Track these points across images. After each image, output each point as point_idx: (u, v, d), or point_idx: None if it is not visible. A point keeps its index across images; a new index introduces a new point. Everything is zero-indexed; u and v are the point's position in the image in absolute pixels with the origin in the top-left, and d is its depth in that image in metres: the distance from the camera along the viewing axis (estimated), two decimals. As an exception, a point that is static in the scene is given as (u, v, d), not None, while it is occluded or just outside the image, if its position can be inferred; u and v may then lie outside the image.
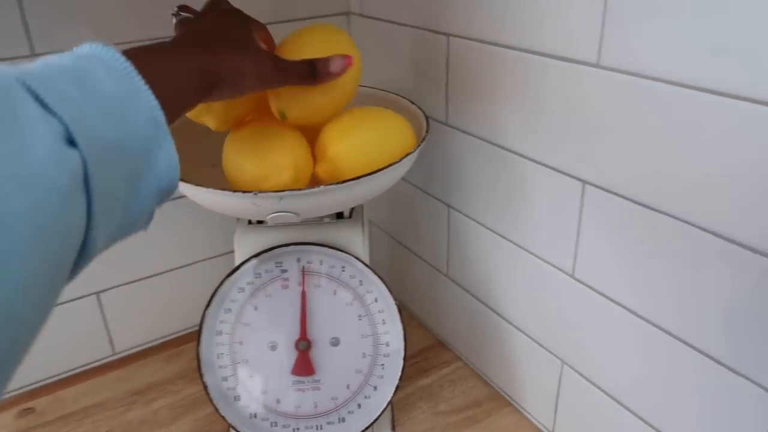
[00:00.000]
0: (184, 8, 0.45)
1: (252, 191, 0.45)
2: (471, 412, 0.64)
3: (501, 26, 0.52)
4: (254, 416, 0.57)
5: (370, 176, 0.47)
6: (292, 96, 0.48)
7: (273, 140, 0.49)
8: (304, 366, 0.57)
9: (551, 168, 0.52)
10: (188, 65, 0.34)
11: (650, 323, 0.47)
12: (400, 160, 0.49)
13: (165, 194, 0.29)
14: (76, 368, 0.71)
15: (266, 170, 0.48)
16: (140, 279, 0.72)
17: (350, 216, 0.59)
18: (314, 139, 0.52)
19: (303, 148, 0.51)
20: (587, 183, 0.49)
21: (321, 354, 0.57)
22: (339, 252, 0.56)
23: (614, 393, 0.52)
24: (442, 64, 0.61)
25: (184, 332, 0.76)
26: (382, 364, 0.57)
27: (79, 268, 0.26)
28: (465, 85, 0.59)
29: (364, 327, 0.57)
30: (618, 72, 0.43)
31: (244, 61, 0.39)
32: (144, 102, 0.27)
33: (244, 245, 0.57)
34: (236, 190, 0.46)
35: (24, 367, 0.62)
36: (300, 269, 0.56)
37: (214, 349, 0.57)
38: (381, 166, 0.48)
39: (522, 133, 0.54)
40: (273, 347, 0.57)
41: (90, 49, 0.28)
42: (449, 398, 0.66)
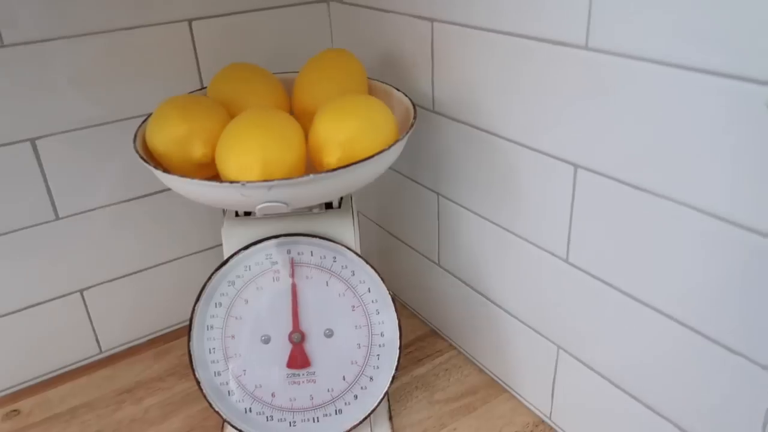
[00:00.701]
0: None
1: (240, 182, 0.44)
2: (467, 400, 0.63)
3: (485, 10, 0.51)
4: (249, 411, 0.56)
5: (361, 164, 0.46)
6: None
7: (257, 132, 0.48)
8: (299, 358, 0.56)
9: (542, 152, 0.51)
10: None
11: (645, 305, 0.46)
12: (390, 147, 0.48)
13: None
14: (63, 368, 0.70)
15: (242, 163, 0.47)
16: (125, 275, 0.70)
17: (339, 206, 0.58)
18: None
19: (282, 140, 0.49)
20: (579, 166, 0.48)
21: (315, 346, 0.56)
22: (329, 242, 0.55)
23: (611, 376, 0.52)
24: (427, 51, 0.60)
25: (172, 328, 0.75)
26: (378, 355, 0.56)
27: None
28: (451, 72, 0.58)
29: (358, 317, 0.56)
30: (606, 53, 0.43)
31: None
32: None
33: (233, 238, 0.56)
34: (224, 181, 0.45)
35: (8, 368, 0.61)
36: (290, 261, 0.55)
37: (206, 344, 0.56)
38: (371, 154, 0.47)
39: (510, 118, 0.53)
40: (266, 340, 0.56)
41: None
42: (445, 387, 0.65)
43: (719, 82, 0.36)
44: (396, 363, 0.56)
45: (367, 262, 0.55)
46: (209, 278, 0.55)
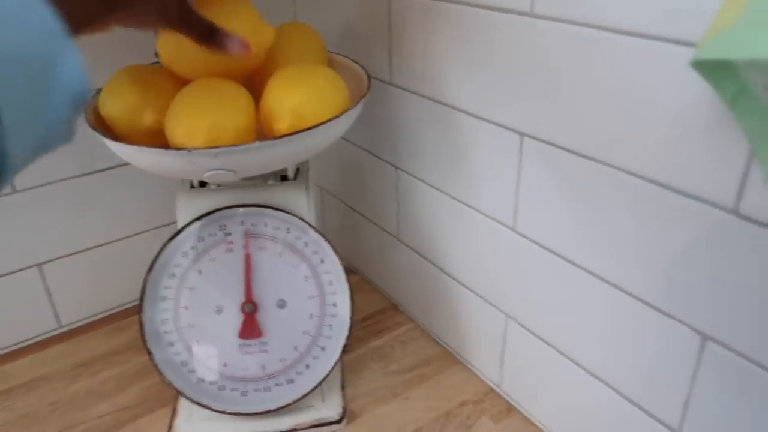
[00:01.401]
0: None
1: (186, 148, 0.45)
2: (421, 371, 0.64)
3: (439, -19, 0.52)
4: (202, 381, 0.56)
5: (309, 131, 0.47)
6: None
7: (204, 99, 0.48)
8: (251, 329, 0.56)
9: (491, 122, 0.52)
10: None
11: (590, 273, 0.47)
12: (340, 115, 0.49)
13: (78, 102, 0.29)
14: (21, 342, 0.69)
15: (188, 129, 0.47)
16: (83, 250, 0.70)
17: (295, 178, 0.59)
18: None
19: (230, 108, 0.49)
20: (525, 135, 0.49)
21: (268, 316, 0.56)
22: (283, 213, 0.55)
23: (557, 343, 0.53)
24: (384, 23, 0.60)
25: (131, 304, 0.75)
26: (330, 325, 0.57)
27: (2, 183, 0.26)
28: (407, 43, 0.58)
29: (311, 288, 0.57)
30: (549, 20, 0.43)
31: None
32: (36, 11, 0.27)
33: (187, 208, 0.56)
34: (170, 148, 0.45)
35: None
36: (244, 232, 0.55)
37: (159, 315, 0.56)
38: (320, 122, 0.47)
39: (462, 89, 0.54)
40: (219, 311, 0.56)
41: None
42: (399, 358, 0.66)
43: (657, 45, 0.37)
44: (347, 332, 0.56)
45: (321, 234, 0.55)
46: (162, 249, 0.55)
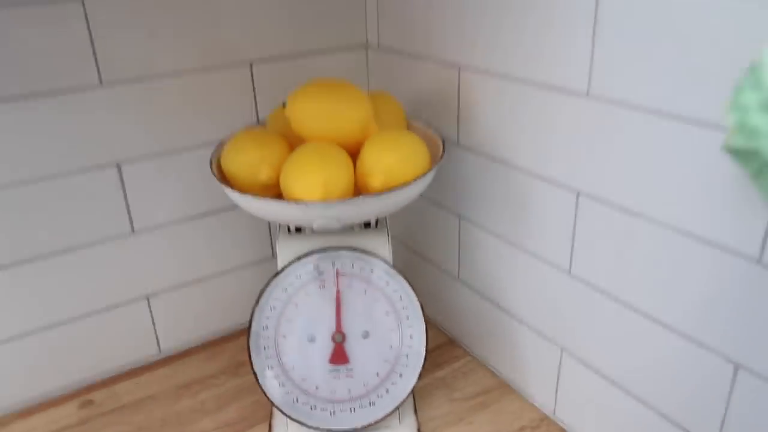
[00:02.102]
0: None
1: (305, 201, 0.55)
2: (482, 399, 0.72)
3: (502, 59, 0.62)
4: (296, 401, 0.65)
5: (401, 188, 0.57)
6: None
7: (318, 160, 0.58)
8: (340, 356, 0.65)
9: (549, 181, 0.61)
10: None
11: (636, 311, 0.56)
12: (425, 175, 0.59)
13: None
14: (127, 365, 0.79)
15: (306, 186, 0.57)
16: (184, 285, 0.80)
17: (376, 226, 0.68)
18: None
19: (342, 168, 0.59)
20: (580, 193, 0.58)
21: (353, 345, 0.65)
22: (368, 255, 0.64)
23: (607, 374, 0.61)
24: (454, 93, 0.71)
25: (223, 334, 0.85)
26: (407, 354, 0.66)
27: None
28: (473, 111, 0.69)
29: (391, 321, 0.65)
30: (604, 101, 0.53)
31: None
32: None
33: (286, 250, 0.65)
34: (289, 200, 0.55)
35: (82, 364, 0.73)
36: (335, 271, 0.65)
37: (261, 342, 0.65)
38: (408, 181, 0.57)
39: (524, 151, 0.63)
40: (312, 339, 0.65)
41: None
42: (462, 387, 0.74)
43: (692, 129, 0.47)
44: (423, 361, 0.65)
45: (400, 274, 0.65)
46: (266, 285, 0.65)
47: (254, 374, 0.64)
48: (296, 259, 0.65)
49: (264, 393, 0.64)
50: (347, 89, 0.61)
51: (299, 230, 0.68)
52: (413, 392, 0.72)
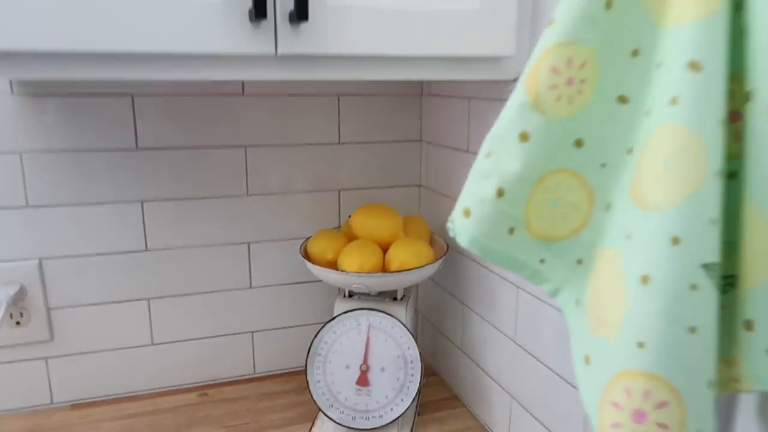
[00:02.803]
0: None
1: (348, 272, 0.92)
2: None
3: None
4: (332, 406, 0.99)
5: (407, 271, 0.93)
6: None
7: (359, 251, 0.97)
8: (364, 380, 0.99)
9: (528, 291, 0.94)
10: None
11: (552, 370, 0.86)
12: (426, 266, 0.95)
13: None
14: (232, 377, 1.18)
15: (351, 264, 0.95)
16: (279, 327, 1.19)
17: (401, 299, 1.04)
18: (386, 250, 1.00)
19: (374, 255, 0.97)
20: (519, 288, 0.91)
21: (373, 374, 0.99)
22: (392, 318, 0.99)
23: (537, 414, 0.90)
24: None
25: (298, 365, 1.21)
26: (408, 386, 0.98)
27: None
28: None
29: (400, 362, 0.99)
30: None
31: None
32: None
33: (339, 306, 1.02)
34: (339, 270, 0.94)
35: (205, 370, 1.21)
36: (367, 324, 1.00)
37: (315, 368, 1.01)
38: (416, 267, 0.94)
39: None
40: (347, 367, 1.00)
41: None
42: (451, 424, 1.05)
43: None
44: (417, 393, 0.97)
45: (410, 332, 0.99)
46: (320, 329, 1.01)
47: (309, 390, 1.00)
48: (344, 313, 1.01)
49: (314, 401, 0.99)
50: (386, 211, 1.00)
51: (351, 295, 1.05)
52: (413, 423, 1.04)
